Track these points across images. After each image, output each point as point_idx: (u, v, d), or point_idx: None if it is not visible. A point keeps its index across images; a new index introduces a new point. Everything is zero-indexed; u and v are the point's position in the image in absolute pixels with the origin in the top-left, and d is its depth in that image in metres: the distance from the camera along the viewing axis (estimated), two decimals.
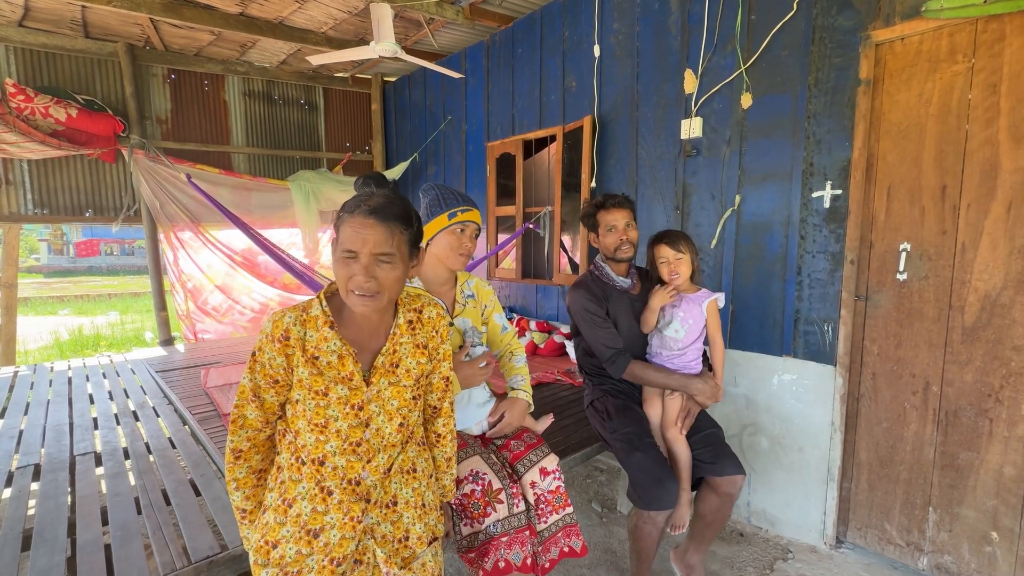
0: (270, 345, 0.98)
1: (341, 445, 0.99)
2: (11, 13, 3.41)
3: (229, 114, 4.50)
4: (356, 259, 0.93)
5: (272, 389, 1.00)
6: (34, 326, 8.61)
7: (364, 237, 0.93)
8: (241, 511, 1.07)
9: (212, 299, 4.48)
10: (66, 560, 1.38)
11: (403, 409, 1.04)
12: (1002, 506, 1.82)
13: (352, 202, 0.98)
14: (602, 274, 1.95)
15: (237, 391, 1.02)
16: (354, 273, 0.93)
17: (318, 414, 0.97)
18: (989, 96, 1.74)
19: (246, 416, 1.01)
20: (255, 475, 1.06)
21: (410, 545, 1.07)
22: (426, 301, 1.12)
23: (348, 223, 0.94)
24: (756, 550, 2.26)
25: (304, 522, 0.98)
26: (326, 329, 0.99)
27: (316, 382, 0.97)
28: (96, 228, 23.21)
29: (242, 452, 1.03)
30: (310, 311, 1.01)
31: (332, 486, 0.99)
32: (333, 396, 0.98)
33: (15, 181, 3.75)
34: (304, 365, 0.97)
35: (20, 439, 2.25)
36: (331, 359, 0.98)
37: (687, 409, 1.84)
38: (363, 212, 0.94)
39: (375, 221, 0.93)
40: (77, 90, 3.83)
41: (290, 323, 0.98)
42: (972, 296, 1.83)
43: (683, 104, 2.58)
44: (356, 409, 0.99)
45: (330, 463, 0.99)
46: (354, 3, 3.34)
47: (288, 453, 1.02)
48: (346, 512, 1.00)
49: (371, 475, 1.02)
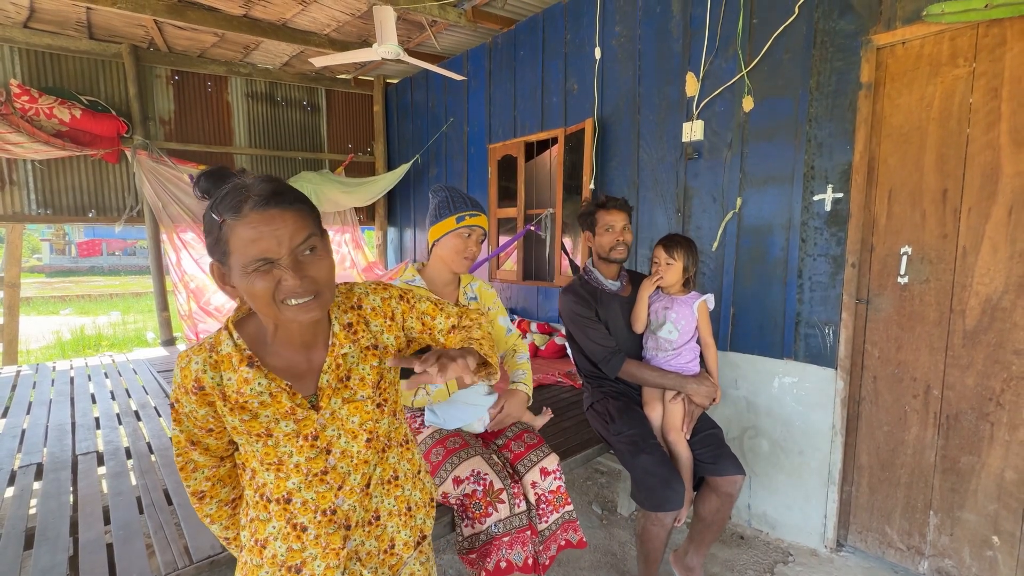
0: (186, 397, 0.82)
1: (304, 479, 0.85)
2: (16, 14, 3.43)
3: (232, 115, 4.51)
4: (275, 264, 0.74)
5: (210, 436, 0.87)
6: (36, 326, 8.64)
7: (275, 233, 0.73)
8: (225, 539, 1.00)
9: (215, 300, 4.49)
10: (68, 559, 1.38)
11: (368, 423, 0.88)
12: (1003, 510, 1.82)
13: (228, 201, 0.74)
14: (591, 278, 1.98)
15: (172, 441, 0.89)
16: (279, 279, 0.74)
17: (268, 454, 0.83)
18: (990, 100, 1.75)
19: (195, 460, 0.89)
20: (228, 506, 0.96)
21: (396, 552, 0.97)
22: (362, 291, 0.93)
23: (242, 226, 0.72)
24: (756, 553, 2.26)
25: (282, 561, 0.86)
26: (244, 369, 0.81)
27: (253, 427, 0.82)
28: (98, 228, 23.29)
29: (204, 492, 0.92)
30: (220, 349, 0.82)
31: (305, 522, 0.86)
32: (279, 434, 0.82)
33: (19, 181, 3.76)
34: (231, 414, 0.81)
35: (23, 438, 2.26)
36: (263, 399, 0.81)
37: (690, 413, 1.85)
38: (257, 204, 0.72)
39: (279, 210, 0.73)
40: (81, 91, 3.85)
41: (198, 370, 0.81)
42: (973, 300, 1.83)
43: (684, 107, 2.59)
44: (311, 440, 0.84)
45: (297, 499, 0.85)
46: (357, 5, 3.36)
47: (251, 490, 0.89)
48: (326, 545, 0.87)
49: (347, 499, 0.88)
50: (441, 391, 1.60)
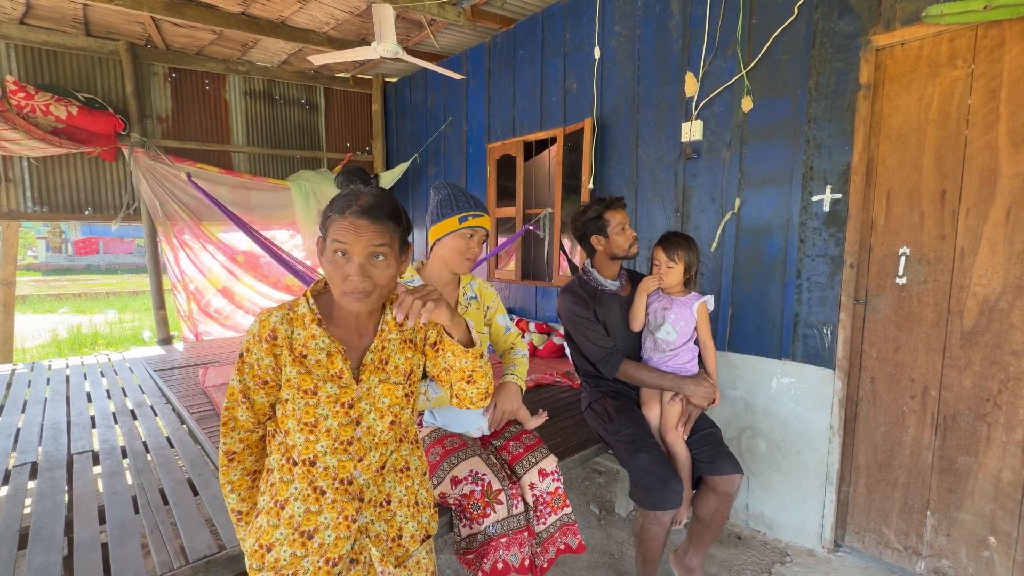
0: (257, 345, 0.97)
1: (332, 444, 0.98)
2: (12, 11, 3.41)
3: (230, 113, 4.49)
4: (349, 259, 0.92)
5: (262, 390, 0.99)
6: (32, 324, 8.59)
7: (357, 237, 0.91)
8: (237, 513, 1.06)
9: (215, 302, 4.47)
10: (63, 559, 1.37)
11: (394, 407, 1.03)
12: (1000, 511, 1.82)
13: (341, 201, 0.95)
14: (590, 278, 1.97)
15: (226, 393, 1.01)
16: (348, 274, 0.92)
17: (307, 413, 0.97)
18: (989, 101, 1.75)
19: (237, 418, 1.01)
20: (249, 476, 1.05)
21: (403, 544, 1.07)
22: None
23: (339, 223, 0.93)
24: (754, 553, 2.26)
25: (298, 523, 0.98)
26: (314, 327, 0.98)
27: (305, 381, 0.96)
28: (95, 226, 23.18)
29: (235, 454, 1.03)
30: (297, 309, 1.00)
31: (324, 486, 0.98)
32: (323, 394, 0.97)
33: (15, 179, 3.74)
34: (292, 364, 0.97)
35: (17, 437, 2.25)
36: (320, 357, 0.98)
37: (687, 413, 1.84)
38: (355, 212, 0.92)
39: (368, 221, 0.92)
40: (78, 88, 3.83)
41: (276, 322, 0.97)
42: (971, 301, 1.84)
43: (684, 107, 2.58)
44: (346, 407, 0.98)
45: (321, 463, 0.98)
46: (356, 3, 3.35)
47: (278, 454, 1.01)
48: (340, 512, 0.99)
49: (363, 474, 1.01)
50: (442, 397, 1.58)
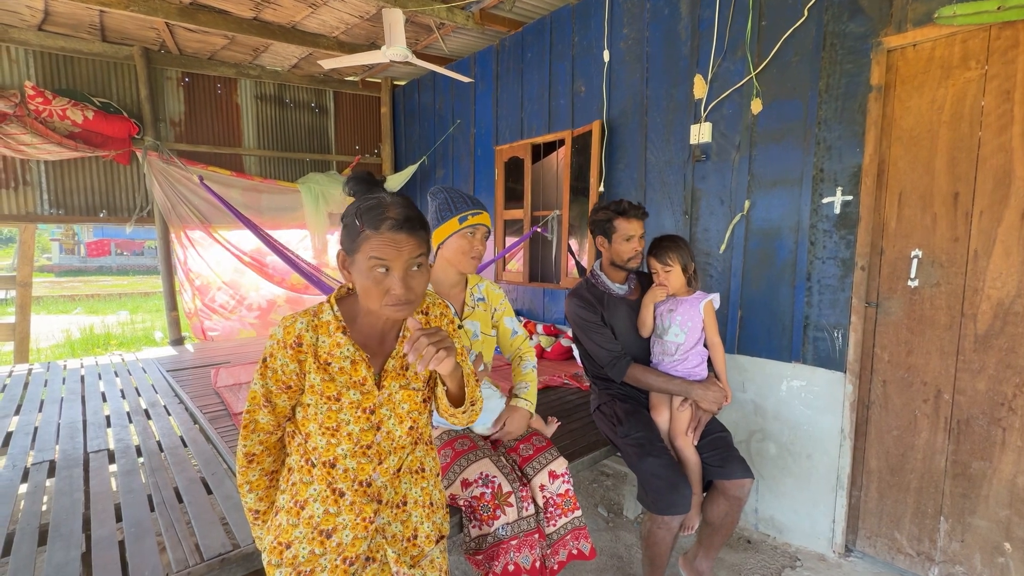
0: (282, 351, 0.98)
1: (352, 448, 1.00)
2: (31, 17, 3.48)
3: (241, 117, 4.55)
4: (390, 273, 0.93)
5: (284, 394, 1.01)
6: (46, 324, 8.72)
7: (399, 252, 0.92)
8: (254, 512, 1.08)
9: (219, 296, 4.52)
10: (81, 555, 1.40)
11: (413, 412, 1.05)
12: (1015, 516, 1.80)
13: (371, 215, 0.93)
14: (598, 282, 1.97)
15: (248, 396, 1.02)
16: (390, 287, 0.93)
17: (330, 418, 0.98)
18: (1003, 103, 1.74)
19: (258, 420, 1.02)
20: (267, 476, 1.07)
21: (419, 544, 1.09)
22: (431, 301, 1.13)
23: (376, 239, 0.92)
24: (764, 557, 2.25)
25: (317, 523, 1.00)
26: (339, 335, 1.00)
27: (328, 387, 0.98)
28: (107, 228, 23.47)
29: (255, 456, 1.04)
30: (321, 316, 1.01)
31: (344, 488, 1.01)
32: (345, 401, 0.99)
33: (32, 182, 3.81)
34: (316, 371, 0.98)
35: (35, 435, 2.29)
36: (344, 364, 0.99)
37: (697, 418, 1.84)
38: (391, 227, 0.92)
39: (406, 235, 0.93)
40: (94, 93, 3.90)
41: (302, 328, 0.99)
42: (985, 304, 1.82)
43: (692, 109, 2.58)
44: (368, 413, 1.00)
45: (341, 465, 1.00)
46: (366, 8, 3.38)
47: (298, 455, 1.03)
48: (359, 513, 1.01)
49: (382, 476, 1.03)
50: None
